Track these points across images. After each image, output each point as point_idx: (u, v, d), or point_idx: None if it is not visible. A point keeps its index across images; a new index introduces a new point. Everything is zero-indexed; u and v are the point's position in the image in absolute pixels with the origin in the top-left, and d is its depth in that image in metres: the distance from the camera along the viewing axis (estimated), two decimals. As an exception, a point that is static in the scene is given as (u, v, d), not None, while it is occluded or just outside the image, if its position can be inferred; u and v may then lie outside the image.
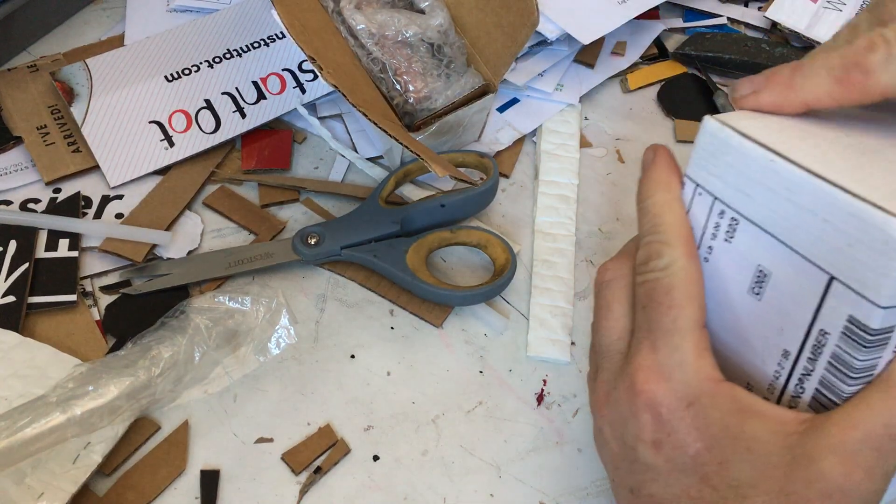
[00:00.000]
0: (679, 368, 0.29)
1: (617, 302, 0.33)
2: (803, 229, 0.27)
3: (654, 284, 0.31)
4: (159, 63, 0.51)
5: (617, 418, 0.31)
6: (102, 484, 0.37)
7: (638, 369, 0.30)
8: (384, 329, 0.43)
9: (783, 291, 0.29)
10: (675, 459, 0.29)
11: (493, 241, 0.44)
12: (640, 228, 0.33)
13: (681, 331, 0.29)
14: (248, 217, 0.46)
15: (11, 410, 0.36)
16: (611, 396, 0.32)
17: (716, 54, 0.56)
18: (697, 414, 0.29)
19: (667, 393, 0.29)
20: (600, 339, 0.33)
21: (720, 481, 0.28)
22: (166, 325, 0.40)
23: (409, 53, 0.47)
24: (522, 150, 0.51)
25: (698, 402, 0.29)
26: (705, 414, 0.28)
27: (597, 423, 0.33)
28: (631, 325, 0.32)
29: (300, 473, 0.38)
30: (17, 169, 0.47)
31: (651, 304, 0.30)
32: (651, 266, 0.31)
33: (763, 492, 0.27)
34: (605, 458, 0.33)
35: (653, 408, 0.29)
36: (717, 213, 0.31)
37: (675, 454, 0.29)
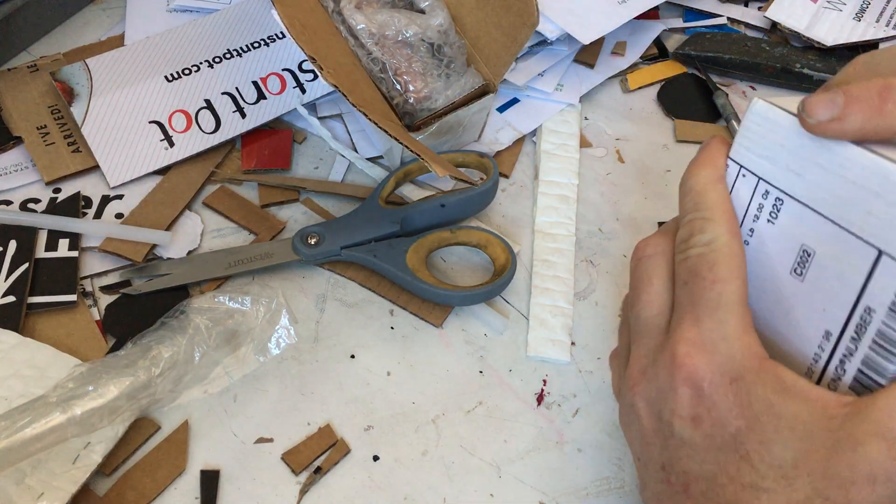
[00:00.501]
0: (724, 343, 0.29)
1: (657, 277, 0.32)
2: (853, 205, 0.27)
3: (698, 260, 0.30)
4: (159, 63, 0.51)
5: (653, 393, 0.30)
6: (102, 484, 0.37)
7: (679, 342, 0.29)
8: (384, 329, 0.43)
9: (827, 270, 0.29)
10: (714, 436, 0.28)
11: (493, 241, 0.44)
12: (682, 207, 0.32)
13: (726, 305, 0.29)
14: (248, 217, 0.46)
15: (11, 410, 0.36)
16: (648, 371, 0.31)
17: (716, 54, 0.56)
18: (740, 390, 0.28)
19: (709, 367, 0.29)
20: (638, 312, 0.33)
21: (760, 460, 0.27)
22: (166, 325, 0.40)
23: (409, 53, 0.47)
24: (522, 150, 0.51)
25: (742, 378, 0.28)
26: (748, 391, 0.28)
27: (627, 399, 0.32)
28: (671, 301, 0.32)
29: (300, 473, 0.38)
30: (17, 169, 0.47)
31: (694, 279, 0.30)
32: (693, 242, 0.31)
33: (805, 472, 0.26)
34: (633, 436, 0.32)
35: (694, 382, 0.29)
36: (760, 195, 0.31)
37: (714, 430, 0.28)
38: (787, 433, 0.27)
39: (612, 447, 0.40)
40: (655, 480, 0.31)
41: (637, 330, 0.33)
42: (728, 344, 0.29)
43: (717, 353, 0.29)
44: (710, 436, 0.29)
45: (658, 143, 0.53)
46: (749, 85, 0.57)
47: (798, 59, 0.56)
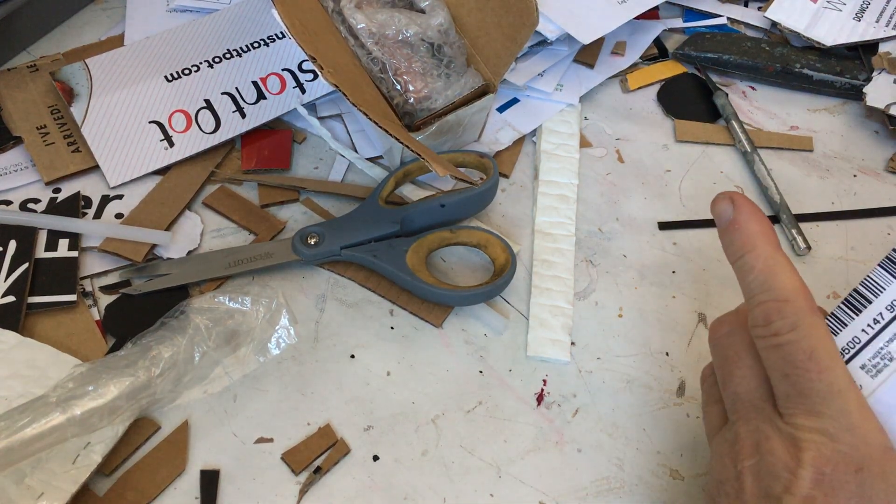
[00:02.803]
0: (847, 432, 0.28)
1: (745, 352, 0.32)
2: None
3: (791, 349, 0.29)
4: (159, 63, 0.51)
5: (766, 469, 0.30)
6: (102, 484, 0.37)
7: (799, 429, 0.29)
8: (384, 329, 0.43)
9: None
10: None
11: (492, 241, 0.44)
12: (746, 287, 0.31)
13: (841, 393, 0.29)
14: (248, 217, 0.46)
15: (11, 410, 0.36)
16: (762, 447, 0.30)
17: (716, 54, 0.56)
18: (864, 482, 0.28)
19: (834, 454, 0.28)
20: (735, 389, 0.32)
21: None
22: (166, 325, 0.40)
23: (409, 53, 0.47)
24: (522, 150, 0.51)
25: (867, 469, 0.28)
26: (872, 483, 0.28)
27: (732, 471, 0.32)
28: (765, 374, 0.31)
29: (300, 473, 0.38)
30: (16, 169, 0.47)
31: (796, 372, 0.29)
32: (775, 328, 0.30)
33: None
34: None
35: (818, 467, 0.28)
36: None
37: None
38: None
39: (611, 447, 0.40)
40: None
41: (738, 407, 0.32)
42: (852, 433, 0.28)
43: (842, 441, 0.28)
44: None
45: (658, 143, 0.53)
46: (749, 85, 0.57)
47: (798, 59, 0.56)
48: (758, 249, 0.31)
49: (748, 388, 0.32)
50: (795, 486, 0.29)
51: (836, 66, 0.56)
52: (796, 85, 0.57)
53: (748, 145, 0.52)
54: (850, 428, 0.28)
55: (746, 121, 0.55)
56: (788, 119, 0.55)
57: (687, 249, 0.48)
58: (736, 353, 0.32)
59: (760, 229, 0.31)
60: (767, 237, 0.31)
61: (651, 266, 0.47)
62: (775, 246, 0.31)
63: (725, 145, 0.53)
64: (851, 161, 0.53)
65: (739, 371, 0.32)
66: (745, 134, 0.52)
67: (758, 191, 0.51)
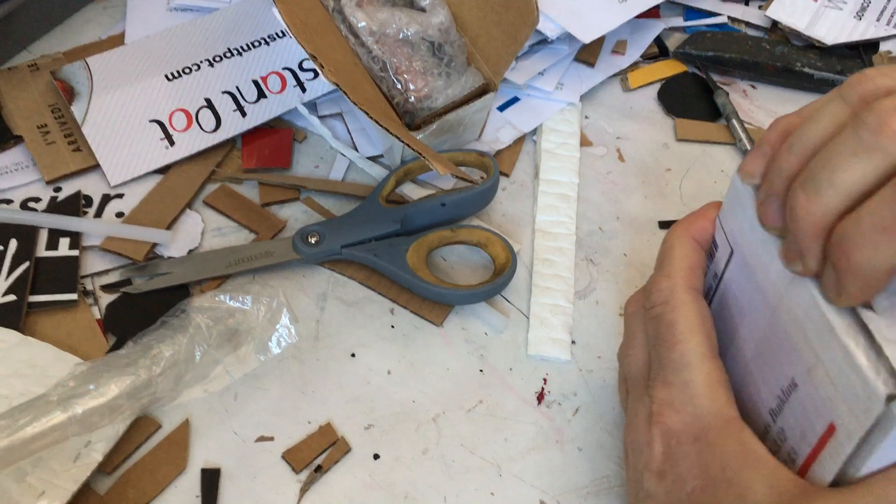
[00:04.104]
0: (690, 402, 0.29)
1: (638, 332, 0.34)
2: None
3: (659, 321, 0.31)
4: (160, 62, 0.51)
5: (634, 444, 0.32)
6: (103, 482, 0.37)
7: (654, 401, 0.31)
8: (384, 328, 0.43)
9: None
10: (674, 493, 0.29)
11: (493, 239, 0.44)
12: (656, 264, 0.33)
13: (689, 364, 0.30)
14: (249, 216, 0.46)
15: (12, 409, 0.36)
16: (632, 423, 0.32)
17: (716, 53, 0.56)
18: (702, 451, 0.29)
19: (677, 425, 0.29)
20: (627, 368, 0.34)
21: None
22: (167, 323, 0.40)
23: (409, 52, 0.47)
24: (523, 149, 0.51)
25: (705, 437, 0.29)
26: (709, 451, 0.28)
27: (623, 449, 0.34)
28: (648, 356, 0.33)
29: (301, 472, 0.38)
30: (17, 168, 0.47)
31: (659, 341, 0.31)
32: (653, 300, 0.32)
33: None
34: (628, 486, 0.34)
35: (665, 439, 0.30)
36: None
37: (674, 487, 0.29)
38: (735, 500, 0.27)
39: (612, 446, 0.40)
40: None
41: (629, 385, 0.34)
42: (694, 404, 0.29)
43: (685, 412, 0.29)
44: (671, 492, 0.29)
45: (658, 142, 0.53)
46: (749, 84, 0.57)
47: (798, 58, 0.56)
48: (672, 233, 0.33)
49: (637, 367, 0.33)
50: (651, 460, 0.30)
51: (836, 65, 0.56)
52: (797, 84, 0.57)
53: (749, 144, 0.52)
54: (692, 398, 0.29)
55: (747, 120, 0.55)
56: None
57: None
58: (632, 334, 0.34)
59: (689, 218, 0.33)
60: (688, 224, 0.33)
61: (651, 265, 0.46)
62: (688, 232, 0.33)
63: (726, 144, 0.53)
64: (852, 160, 0.53)
65: (633, 350, 0.34)
66: (746, 133, 0.52)
67: (758, 190, 0.51)
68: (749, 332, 0.31)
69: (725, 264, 0.32)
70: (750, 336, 0.31)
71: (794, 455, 0.28)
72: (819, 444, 0.26)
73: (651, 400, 0.31)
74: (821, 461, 0.27)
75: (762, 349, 0.30)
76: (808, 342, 0.26)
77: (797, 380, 0.27)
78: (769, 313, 0.29)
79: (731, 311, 0.32)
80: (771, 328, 0.29)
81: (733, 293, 0.32)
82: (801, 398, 0.27)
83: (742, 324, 0.31)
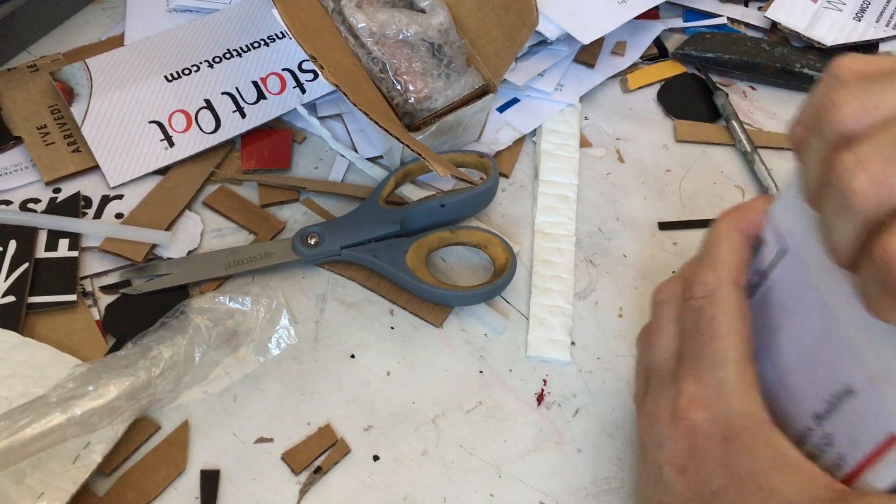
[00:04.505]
0: (722, 401, 0.29)
1: (669, 322, 0.33)
2: None
3: (698, 314, 0.30)
4: (159, 63, 0.51)
5: (654, 437, 0.31)
6: (102, 484, 0.37)
7: (681, 395, 0.30)
8: (384, 329, 0.43)
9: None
10: (695, 488, 0.29)
11: (492, 240, 0.44)
12: (699, 254, 0.32)
13: (724, 363, 0.29)
14: (248, 217, 0.46)
15: (11, 410, 0.36)
16: (654, 416, 0.32)
17: (716, 54, 0.56)
18: (730, 451, 0.28)
19: (705, 423, 0.29)
20: (651, 357, 0.33)
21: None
22: (166, 325, 0.40)
23: (409, 53, 0.47)
24: (522, 150, 0.51)
25: (735, 438, 0.28)
26: (738, 452, 0.28)
27: (640, 439, 0.33)
28: (680, 348, 0.32)
29: (300, 473, 0.38)
30: (16, 169, 0.47)
31: (695, 335, 0.30)
32: (694, 291, 0.31)
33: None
34: (640, 475, 0.33)
35: (691, 436, 0.29)
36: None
37: (697, 483, 0.29)
38: (763, 502, 0.27)
39: (612, 447, 0.40)
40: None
41: (651, 373, 0.33)
42: (726, 403, 0.29)
43: (715, 411, 0.29)
44: (692, 487, 0.29)
45: (658, 143, 0.53)
46: (749, 85, 0.57)
47: (798, 59, 0.56)
48: (720, 224, 0.32)
49: (662, 360, 0.32)
50: (674, 455, 0.30)
51: (836, 66, 0.56)
52: (796, 85, 0.57)
53: (748, 145, 0.52)
54: (724, 398, 0.29)
55: (746, 121, 0.55)
56: (788, 119, 0.55)
57: (687, 249, 0.48)
58: (660, 324, 0.33)
59: (739, 209, 0.32)
60: (738, 216, 0.32)
61: (651, 266, 0.47)
62: (736, 227, 0.32)
63: (725, 145, 0.53)
64: (851, 161, 0.53)
65: (660, 341, 0.33)
66: (746, 134, 0.52)
67: (758, 191, 0.51)
68: (796, 333, 0.30)
69: (774, 262, 0.31)
70: (797, 337, 0.30)
71: (842, 461, 0.27)
72: (875, 453, 0.26)
73: (679, 393, 0.30)
74: (876, 469, 0.26)
75: (812, 352, 0.29)
76: (876, 351, 0.25)
77: (854, 387, 0.26)
78: (826, 317, 0.28)
79: (774, 309, 0.31)
80: (826, 332, 0.28)
81: (781, 292, 0.31)
82: (856, 406, 0.26)
83: (787, 324, 0.30)
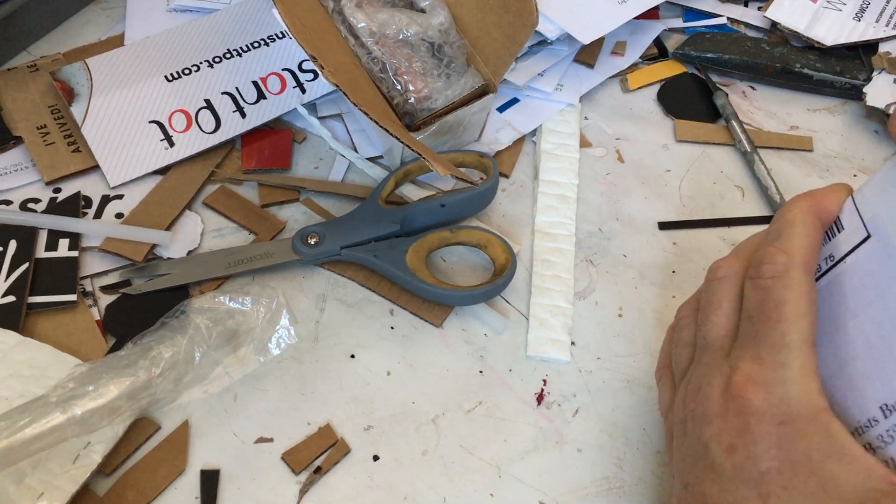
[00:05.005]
0: (782, 385, 0.28)
1: (727, 300, 0.32)
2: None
3: (765, 294, 0.30)
4: (159, 63, 0.51)
5: (701, 413, 0.31)
6: (102, 484, 0.37)
7: (737, 373, 0.29)
8: (384, 329, 0.43)
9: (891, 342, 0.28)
10: (744, 468, 0.28)
11: (493, 240, 0.44)
12: (768, 232, 0.32)
13: (788, 347, 0.29)
14: (248, 217, 0.46)
15: (11, 410, 0.36)
16: (702, 392, 0.31)
17: (716, 54, 0.56)
18: (786, 435, 0.28)
19: (762, 404, 0.28)
20: (706, 333, 0.33)
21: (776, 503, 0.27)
22: (166, 325, 0.40)
23: (409, 53, 0.47)
24: (522, 150, 0.51)
25: (792, 423, 0.28)
26: (793, 437, 0.28)
27: (679, 415, 0.32)
28: (736, 326, 0.32)
29: (300, 473, 0.38)
30: (17, 169, 0.47)
31: (760, 316, 0.30)
32: (764, 271, 0.30)
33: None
34: (675, 451, 0.33)
35: (743, 415, 0.29)
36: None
37: (745, 463, 0.28)
38: (815, 489, 0.27)
39: (611, 447, 0.40)
40: (677, 497, 0.31)
41: (703, 348, 0.33)
42: (786, 387, 0.28)
43: (773, 393, 0.28)
44: (740, 467, 0.29)
45: (658, 143, 0.53)
46: (749, 85, 0.57)
47: (798, 59, 0.56)
48: (795, 205, 0.31)
49: (717, 336, 0.32)
50: (722, 432, 0.29)
51: (835, 66, 0.56)
52: (796, 85, 0.57)
53: (748, 145, 0.52)
54: (784, 381, 0.28)
55: (746, 121, 0.55)
56: (788, 119, 0.55)
57: (687, 249, 0.48)
58: (718, 300, 0.33)
59: (816, 193, 0.32)
60: (815, 200, 0.31)
61: (651, 266, 0.47)
62: (815, 209, 0.31)
63: (725, 145, 0.53)
64: (851, 161, 0.53)
65: (716, 317, 0.32)
66: (745, 134, 0.52)
67: (758, 191, 0.51)
68: (871, 320, 0.29)
69: (853, 248, 0.30)
70: (872, 326, 0.29)
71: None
72: None
73: (733, 371, 0.29)
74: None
75: (888, 342, 0.28)
76: None
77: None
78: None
79: (848, 297, 0.30)
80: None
81: (857, 280, 0.30)
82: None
83: (862, 313, 0.30)
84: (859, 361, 0.30)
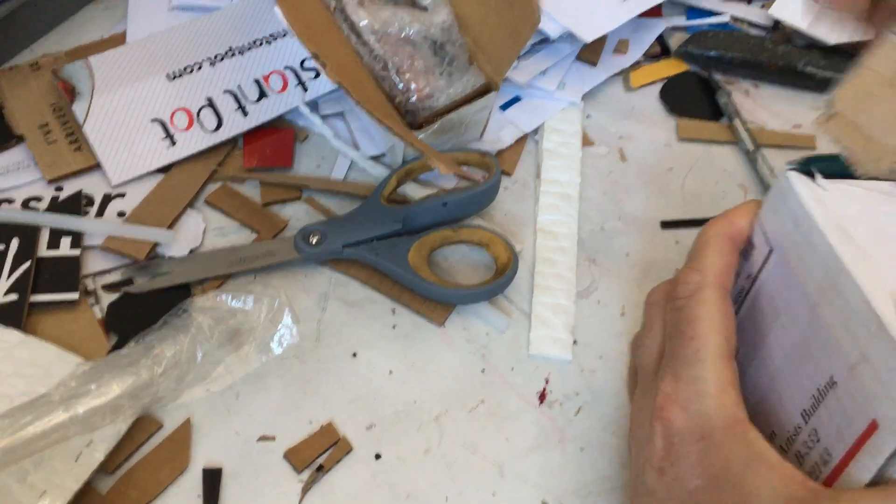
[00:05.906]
0: (698, 400, 0.29)
1: (658, 323, 0.33)
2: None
3: (680, 314, 0.31)
4: (161, 61, 0.51)
5: (638, 438, 0.31)
6: (105, 482, 0.37)
7: (659, 394, 0.30)
8: (386, 328, 0.43)
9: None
10: (674, 489, 0.29)
11: (494, 239, 0.44)
12: (687, 258, 0.33)
13: (703, 362, 0.29)
14: (250, 215, 0.46)
15: (14, 409, 0.36)
16: (638, 417, 0.32)
17: (718, 52, 0.56)
18: (705, 450, 0.28)
19: (683, 422, 0.29)
20: (640, 358, 0.33)
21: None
22: (169, 323, 0.40)
23: (411, 51, 0.47)
24: (524, 149, 0.51)
25: (710, 437, 0.28)
26: (714, 451, 0.28)
27: (630, 442, 0.33)
28: (663, 348, 0.32)
29: (302, 472, 0.38)
30: (18, 167, 0.47)
31: (676, 334, 0.30)
32: (679, 291, 0.31)
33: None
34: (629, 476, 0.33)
35: (667, 437, 0.29)
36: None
37: (674, 484, 0.29)
38: (739, 501, 0.27)
39: (614, 446, 0.40)
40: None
41: (641, 376, 0.33)
42: (701, 402, 0.29)
43: (690, 409, 0.29)
44: (670, 488, 0.29)
45: (660, 142, 0.53)
46: (752, 83, 0.57)
47: (801, 57, 0.56)
48: (709, 229, 0.32)
49: (649, 361, 0.32)
50: (652, 456, 0.30)
51: (839, 65, 0.56)
52: (799, 83, 0.56)
53: (751, 144, 0.52)
54: (700, 396, 0.29)
55: (749, 119, 0.54)
56: (791, 117, 0.55)
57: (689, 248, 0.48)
58: (650, 324, 0.33)
59: (727, 214, 0.33)
60: (727, 221, 0.32)
61: (653, 265, 0.47)
62: (726, 231, 0.32)
63: (728, 144, 0.53)
64: (854, 159, 0.53)
65: (648, 341, 0.33)
66: (748, 132, 0.52)
67: (760, 189, 0.51)
68: (783, 332, 0.30)
69: (762, 265, 0.31)
70: (784, 336, 0.30)
71: (828, 456, 0.28)
72: (858, 442, 0.26)
73: (656, 393, 0.30)
74: (859, 460, 0.26)
75: (798, 349, 0.29)
76: (853, 338, 0.26)
77: (836, 377, 0.27)
78: (808, 311, 0.28)
79: (764, 312, 0.31)
80: (810, 327, 0.28)
81: (768, 293, 0.31)
82: (839, 396, 0.27)
83: (775, 325, 0.31)
84: (781, 373, 0.30)
